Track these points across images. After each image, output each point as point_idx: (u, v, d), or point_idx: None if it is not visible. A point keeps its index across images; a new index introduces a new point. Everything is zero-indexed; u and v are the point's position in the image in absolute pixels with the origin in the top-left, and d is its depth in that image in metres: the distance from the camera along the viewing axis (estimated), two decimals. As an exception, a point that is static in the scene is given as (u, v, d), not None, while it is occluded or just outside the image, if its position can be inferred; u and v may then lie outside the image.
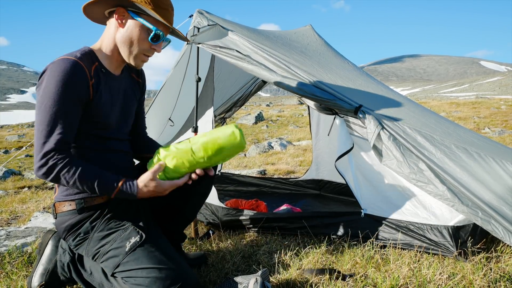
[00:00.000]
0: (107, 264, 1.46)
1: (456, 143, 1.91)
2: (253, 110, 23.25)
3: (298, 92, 2.10)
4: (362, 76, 2.81)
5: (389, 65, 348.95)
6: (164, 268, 1.38)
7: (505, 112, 14.90)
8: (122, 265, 1.41)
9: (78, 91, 1.39)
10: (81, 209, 1.50)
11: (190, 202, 1.86)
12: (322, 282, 1.64)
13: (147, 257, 1.40)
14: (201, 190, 1.89)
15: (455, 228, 1.89)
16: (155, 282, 1.35)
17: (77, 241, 1.52)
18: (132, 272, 1.39)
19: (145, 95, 1.86)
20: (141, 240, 1.45)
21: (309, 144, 8.22)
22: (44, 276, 1.65)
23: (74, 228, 1.51)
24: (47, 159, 1.35)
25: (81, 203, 1.49)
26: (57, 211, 1.54)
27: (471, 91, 68.74)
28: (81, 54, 1.45)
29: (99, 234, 1.49)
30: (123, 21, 1.49)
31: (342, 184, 3.54)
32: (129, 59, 1.53)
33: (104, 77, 1.52)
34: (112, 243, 1.47)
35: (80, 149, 1.50)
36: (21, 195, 4.33)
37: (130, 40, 1.48)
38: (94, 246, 1.49)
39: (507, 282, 1.60)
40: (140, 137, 1.85)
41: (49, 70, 1.37)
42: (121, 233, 1.48)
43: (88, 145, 1.52)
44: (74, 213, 1.50)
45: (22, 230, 2.60)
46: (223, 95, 3.80)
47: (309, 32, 3.32)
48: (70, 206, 1.51)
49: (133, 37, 1.48)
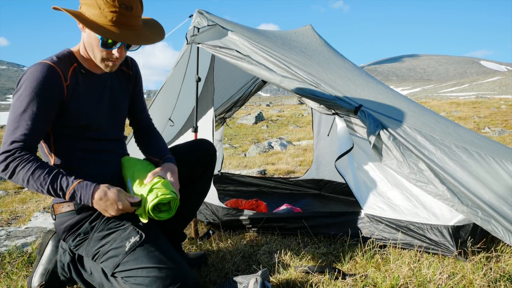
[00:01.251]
0: (107, 264, 1.45)
1: (456, 143, 1.91)
2: (253, 110, 23.25)
3: (298, 92, 2.11)
4: (362, 76, 2.81)
5: (389, 65, 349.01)
6: (164, 268, 1.38)
7: (505, 112, 14.89)
8: (122, 265, 1.41)
9: (48, 94, 1.40)
10: (79, 209, 1.50)
11: (189, 202, 1.86)
12: (322, 281, 1.64)
13: (147, 257, 1.40)
14: (200, 189, 1.89)
15: (455, 227, 1.89)
16: (155, 282, 1.35)
17: (76, 242, 1.52)
18: (132, 271, 1.39)
19: (141, 86, 1.80)
20: (141, 239, 1.45)
21: (309, 144, 8.22)
22: (44, 276, 1.65)
23: (74, 228, 1.52)
24: (6, 156, 1.36)
25: (79, 204, 1.48)
26: (55, 212, 1.54)
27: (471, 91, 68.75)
28: (57, 57, 1.47)
29: (99, 234, 1.49)
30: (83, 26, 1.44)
31: (342, 184, 3.54)
32: (97, 63, 1.49)
33: (83, 78, 1.52)
34: (112, 243, 1.46)
35: (69, 153, 1.51)
36: (21, 195, 4.33)
37: (89, 45, 1.46)
38: (94, 247, 1.49)
39: (507, 281, 1.60)
40: (146, 131, 1.83)
41: (24, 74, 1.42)
42: (120, 233, 1.48)
43: (78, 147, 1.52)
44: (72, 214, 1.50)
45: (22, 230, 2.60)
46: (223, 95, 3.80)
47: (309, 32, 3.32)
48: (68, 206, 1.51)
49: (91, 43, 1.45)
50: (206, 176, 1.88)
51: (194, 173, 1.82)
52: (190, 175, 1.81)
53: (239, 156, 7.49)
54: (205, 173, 1.87)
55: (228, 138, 12.00)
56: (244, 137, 12.42)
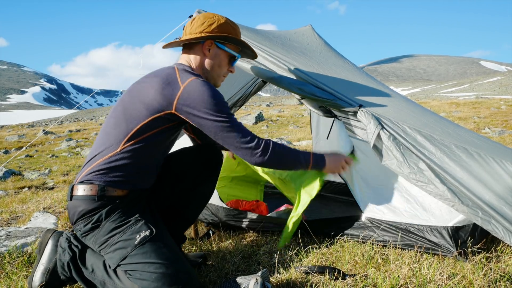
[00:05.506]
0: (113, 255, 1.46)
1: (456, 143, 1.91)
2: (253, 110, 23.24)
3: (298, 92, 2.10)
4: (362, 76, 2.80)
5: (389, 65, 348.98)
6: (171, 266, 1.40)
7: (505, 112, 14.88)
8: (129, 257, 1.43)
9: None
10: (101, 196, 1.50)
11: (192, 204, 1.87)
12: (322, 282, 1.64)
13: (156, 252, 1.42)
14: (204, 192, 1.90)
15: (454, 228, 1.89)
16: (161, 279, 1.36)
17: (87, 228, 1.52)
18: (139, 265, 1.40)
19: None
20: (151, 234, 1.47)
21: (309, 144, 8.21)
22: (45, 276, 1.64)
23: (89, 214, 1.51)
24: (258, 143, 1.61)
25: (103, 190, 1.50)
26: (74, 193, 1.53)
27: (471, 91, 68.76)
28: (199, 75, 1.69)
29: (111, 224, 1.50)
30: (209, 50, 1.73)
31: (342, 184, 3.53)
32: (214, 80, 1.79)
33: None
34: (122, 235, 1.48)
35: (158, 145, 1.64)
36: (21, 195, 4.33)
37: (217, 65, 1.76)
38: (104, 236, 1.49)
39: (507, 282, 1.60)
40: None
41: (198, 85, 1.57)
42: (132, 225, 1.50)
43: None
44: (92, 199, 1.50)
45: (22, 230, 2.60)
46: (223, 95, 3.80)
47: (309, 32, 3.32)
48: (90, 190, 1.51)
49: (220, 63, 1.76)
50: (211, 179, 1.91)
51: (200, 176, 1.85)
52: (196, 178, 1.83)
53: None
54: (210, 177, 1.90)
55: (228, 138, 11.98)
56: (244, 137, 12.40)
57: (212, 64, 1.75)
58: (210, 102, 1.53)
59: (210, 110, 1.54)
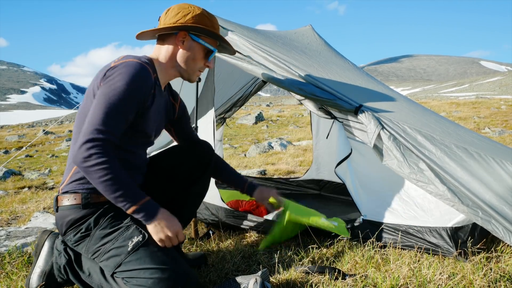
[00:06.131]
0: (107, 263, 1.43)
1: (456, 143, 1.91)
2: (253, 110, 23.25)
3: (298, 92, 2.10)
4: (362, 76, 2.80)
5: (389, 65, 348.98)
6: (167, 269, 1.36)
7: (505, 112, 14.89)
8: (123, 264, 1.39)
9: (142, 96, 1.47)
10: (86, 204, 1.47)
11: (187, 204, 1.86)
12: (322, 282, 1.64)
13: (150, 257, 1.39)
14: (198, 191, 1.88)
15: (453, 229, 1.89)
16: (157, 283, 1.33)
17: (77, 238, 1.48)
18: (134, 272, 1.37)
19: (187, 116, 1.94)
20: (144, 239, 1.43)
21: (309, 144, 8.21)
22: (42, 278, 1.61)
23: (77, 223, 1.48)
24: (93, 145, 1.33)
25: (87, 198, 1.47)
26: (59, 204, 1.50)
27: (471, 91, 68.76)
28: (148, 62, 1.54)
29: (101, 232, 1.46)
30: (183, 42, 1.62)
31: (342, 184, 3.51)
32: (188, 75, 1.68)
33: (158, 89, 1.61)
34: (114, 242, 1.44)
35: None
36: (21, 195, 4.33)
37: (192, 59, 1.64)
38: (95, 244, 1.46)
39: (507, 282, 1.60)
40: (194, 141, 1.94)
41: (120, 68, 1.43)
42: (123, 231, 1.45)
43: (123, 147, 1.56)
44: (77, 208, 1.47)
45: (22, 230, 2.60)
46: (223, 95, 3.80)
47: (309, 32, 3.32)
48: (74, 200, 1.47)
49: (195, 56, 1.64)
50: (204, 178, 1.88)
51: (192, 175, 1.82)
52: (188, 177, 1.81)
53: (239, 156, 7.49)
54: (203, 175, 1.87)
55: (228, 138, 12.00)
56: (244, 137, 12.42)
57: (186, 57, 1.63)
58: (119, 80, 1.40)
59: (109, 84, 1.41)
